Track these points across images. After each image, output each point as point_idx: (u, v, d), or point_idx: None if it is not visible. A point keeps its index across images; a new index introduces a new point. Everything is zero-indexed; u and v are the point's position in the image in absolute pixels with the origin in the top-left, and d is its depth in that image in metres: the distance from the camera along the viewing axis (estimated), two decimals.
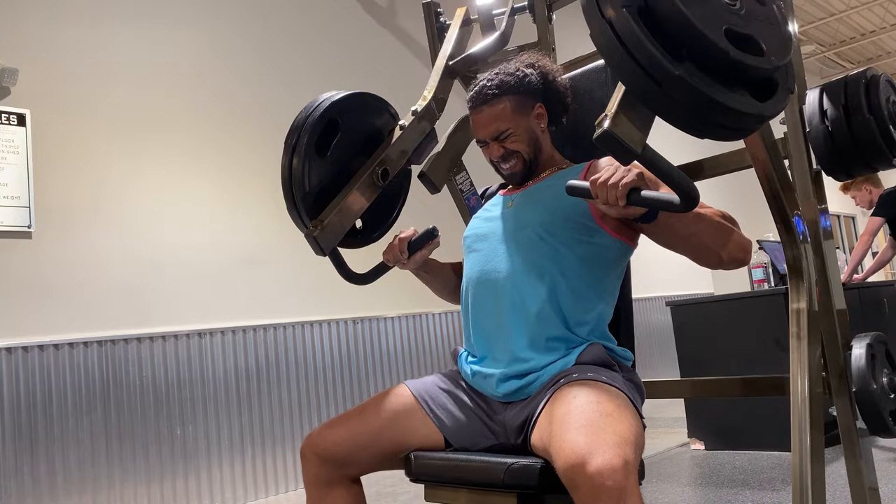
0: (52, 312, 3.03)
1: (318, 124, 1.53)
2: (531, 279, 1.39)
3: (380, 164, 1.63)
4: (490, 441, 1.40)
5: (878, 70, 1.82)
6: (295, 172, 1.52)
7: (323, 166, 1.57)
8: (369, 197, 1.61)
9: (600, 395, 1.18)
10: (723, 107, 0.96)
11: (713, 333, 3.66)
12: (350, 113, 1.61)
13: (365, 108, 1.67)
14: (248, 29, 3.94)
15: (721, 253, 1.31)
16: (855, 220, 10.88)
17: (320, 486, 1.39)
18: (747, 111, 0.99)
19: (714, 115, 0.98)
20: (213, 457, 3.37)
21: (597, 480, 0.99)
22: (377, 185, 1.62)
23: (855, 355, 1.64)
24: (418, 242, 1.55)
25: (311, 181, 1.54)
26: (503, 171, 1.54)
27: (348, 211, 1.58)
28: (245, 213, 3.74)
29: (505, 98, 1.47)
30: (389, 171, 1.64)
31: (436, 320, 4.50)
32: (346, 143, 1.61)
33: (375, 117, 1.69)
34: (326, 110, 1.55)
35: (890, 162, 1.75)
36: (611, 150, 1.02)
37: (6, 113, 3.01)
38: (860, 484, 1.68)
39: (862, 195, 4.50)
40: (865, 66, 6.12)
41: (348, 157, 1.63)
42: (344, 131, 1.59)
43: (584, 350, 1.34)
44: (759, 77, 1.01)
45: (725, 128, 1.02)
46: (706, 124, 1.00)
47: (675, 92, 0.94)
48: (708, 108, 0.96)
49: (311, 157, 1.53)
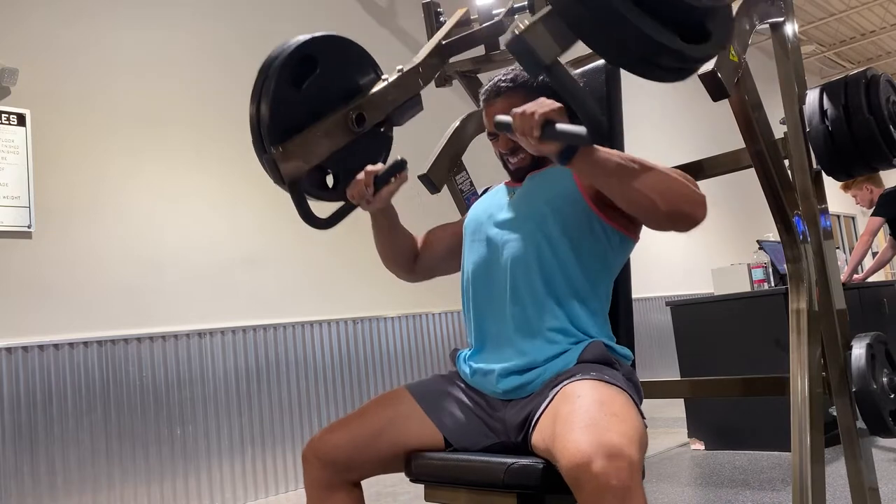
0: (52, 312, 3.03)
1: (294, 53, 1.47)
2: (531, 269, 1.39)
3: (357, 107, 1.55)
4: (490, 440, 1.40)
5: (878, 70, 1.82)
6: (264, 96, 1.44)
7: (294, 99, 1.49)
8: (340, 140, 1.53)
9: (604, 395, 1.18)
10: (639, 32, 0.93)
11: (713, 333, 3.66)
12: (331, 53, 1.54)
13: (348, 56, 1.60)
14: (248, 28, 3.94)
15: (658, 202, 1.22)
16: (855, 220, 10.88)
17: (321, 490, 1.39)
18: (668, 45, 0.96)
19: (631, 41, 0.95)
20: (213, 457, 3.37)
21: (602, 480, 0.99)
22: (351, 130, 1.54)
23: (855, 355, 1.64)
24: (386, 175, 1.46)
25: (280, 110, 1.45)
26: (511, 166, 1.53)
27: (315, 146, 1.48)
28: (245, 213, 3.73)
29: (519, 91, 1.47)
30: (366, 117, 1.57)
31: (436, 320, 4.50)
32: (323, 84, 1.53)
33: (359, 71, 1.62)
34: (305, 43, 1.49)
35: (890, 162, 1.75)
36: (519, 57, 1.01)
37: (6, 113, 3.01)
38: (860, 484, 1.68)
39: (863, 194, 4.49)
40: (865, 66, 6.11)
41: (324, 100, 1.54)
42: (323, 70, 1.52)
43: (586, 348, 1.34)
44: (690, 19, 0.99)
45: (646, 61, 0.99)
46: (625, 52, 0.98)
47: (595, 9, 0.93)
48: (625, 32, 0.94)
49: (283, 86, 1.46)
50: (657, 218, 1.26)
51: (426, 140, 2.10)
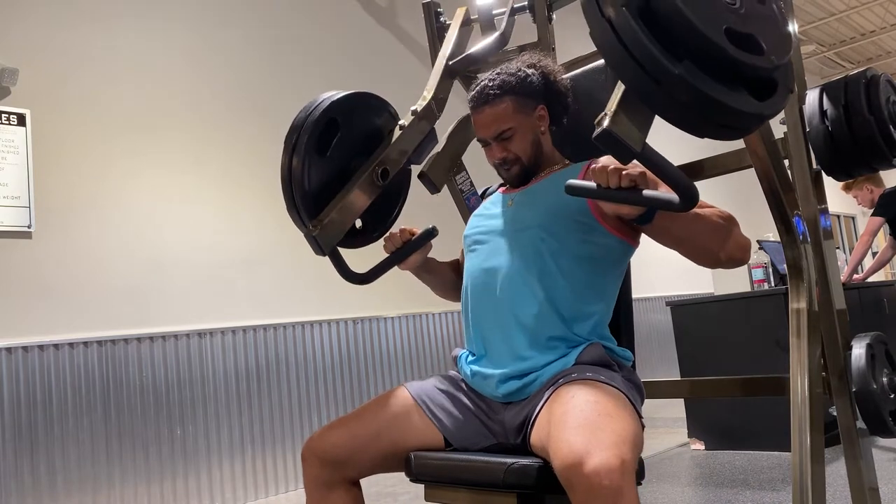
0: (52, 312, 3.03)
1: (317, 124, 1.53)
2: (531, 279, 1.39)
3: (379, 163, 1.63)
4: (489, 441, 1.40)
5: (878, 70, 1.82)
6: (294, 172, 1.52)
7: (323, 166, 1.57)
8: (369, 196, 1.62)
9: (598, 395, 1.18)
10: (722, 106, 0.96)
11: (713, 333, 3.66)
12: (350, 112, 1.61)
13: (365, 108, 1.67)
14: (248, 28, 3.94)
15: (719, 253, 1.32)
16: (855, 220, 10.88)
17: (320, 488, 1.39)
18: (747, 110, 0.99)
19: (713, 114, 0.98)
20: (213, 457, 3.37)
21: (593, 480, 0.99)
22: (377, 185, 1.62)
23: (855, 355, 1.64)
24: (419, 241, 1.57)
25: (311, 181, 1.54)
26: (502, 173, 1.55)
27: (348, 210, 1.58)
28: (245, 213, 3.74)
29: (506, 98, 1.47)
30: (389, 171, 1.65)
31: (436, 320, 4.49)
32: (346, 142, 1.61)
33: (375, 117, 1.70)
34: (326, 110, 1.55)
35: (890, 162, 1.75)
36: (610, 148, 1.02)
37: (6, 113, 3.01)
38: (860, 484, 1.68)
39: (863, 195, 4.49)
40: (865, 66, 6.11)
41: (348, 156, 1.63)
42: (344, 131, 1.60)
43: (584, 350, 1.34)
44: (758, 76, 1.01)
45: (725, 127, 1.02)
46: (705, 123, 1.00)
47: (674, 91, 0.94)
48: (707, 107, 0.96)
49: (311, 156, 1.53)
50: (711, 264, 1.35)
51: None
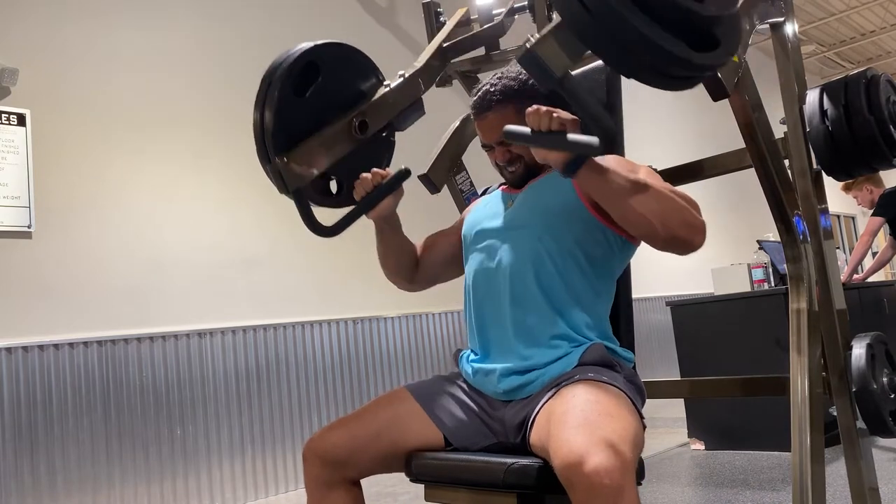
0: (52, 312, 3.03)
1: (297, 61, 1.47)
2: (530, 279, 1.39)
3: (360, 114, 1.56)
4: (489, 440, 1.40)
5: (878, 70, 1.82)
6: (268, 105, 1.46)
7: (298, 108, 1.50)
8: (344, 147, 1.54)
9: (599, 395, 1.18)
10: (650, 43, 0.94)
11: (713, 333, 3.66)
12: (333, 61, 1.55)
13: (351, 63, 1.61)
14: (248, 28, 3.94)
15: (656, 225, 1.24)
16: (855, 220, 10.87)
17: (321, 488, 1.39)
18: (677, 53, 0.96)
19: (642, 52, 0.96)
20: (213, 457, 3.37)
21: (594, 479, 0.99)
22: (354, 137, 1.55)
23: (855, 355, 1.64)
24: (392, 182, 1.48)
25: (283, 118, 1.46)
26: (507, 175, 1.54)
27: (319, 154, 1.49)
28: (245, 213, 3.73)
29: (508, 103, 1.46)
30: (368, 123, 1.57)
31: (436, 320, 4.49)
32: (326, 91, 1.54)
33: (361, 77, 1.63)
34: (308, 51, 1.50)
35: (890, 162, 1.75)
36: (531, 70, 1.01)
37: (6, 113, 3.01)
38: (860, 484, 1.68)
39: (863, 195, 4.49)
40: (865, 66, 6.11)
41: (327, 107, 1.56)
42: (325, 77, 1.53)
43: (587, 350, 1.34)
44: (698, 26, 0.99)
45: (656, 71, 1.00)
46: (634, 61, 0.98)
47: (604, 20, 0.93)
48: (635, 42, 0.94)
49: (287, 95, 1.47)
50: (654, 241, 1.29)
51: (426, 140, 2.10)
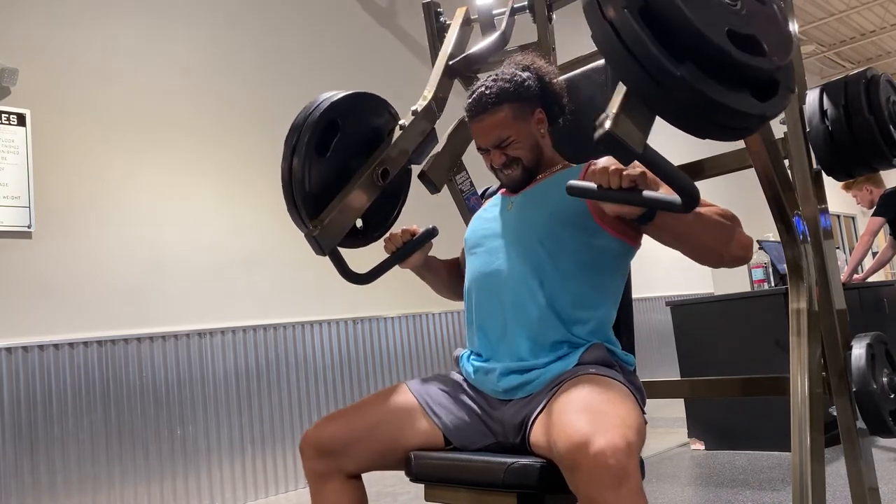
0: (52, 312, 3.03)
1: (317, 124, 1.53)
2: (532, 283, 1.39)
3: (380, 163, 1.63)
4: (489, 439, 1.41)
5: (878, 70, 1.82)
6: (295, 172, 1.52)
7: (323, 167, 1.57)
8: (369, 196, 1.62)
9: (602, 386, 1.20)
10: (724, 107, 0.96)
11: (713, 333, 3.66)
12: (350, 113, 1.61)
13: (365, 108, 1.67)
14: (248, 28, 3.94)
15: (722, 252, 1.32)
16: (855, 220, 10.88)
17: (318, 480, 1.40)
18: (749, 111, 0.99)
19: (715, 115, 0.98)
20: (213, 457, 3.37)
21: (599, 460, 1.00)
22: (377, 185, 1.63)
23: (855, 355, 1.64)
24: (420, 241, 1.58)
25: (311, 181, 1.54)
26: (503, 178, 1.54)
27: (348, 210, 1.58)
28: (245, 213, 3.73)
29: (504, 106, 1.46)
30: (389, 171, 1.65)
31: (436, 320, 4.49)
32: (346, 143, 1.61)
33: (375, 117, 1.70)
34: (326, 111, 1.55)
35: (890, 162, 1.75)
36: (611, 150, 1.02)
37: (6, 113, 3.01)
38: (860, 484, 1.68)
39: (863, 194, 4.49)
40: (865, 66, 6.11)
41: (348, 157, 1.63)
42: (343, 132, 1.59)
43: (587, 350, 1.35)
44: (760, 77, 1.01)
45: (727, 128, 1.02)
46: (708, 125, 1.00)
47: (676, 92, 0.94)
48: (709, 108, 0.96)
49: (311, 157, 1.53)
50: (713, 263, 1.35)
51: None
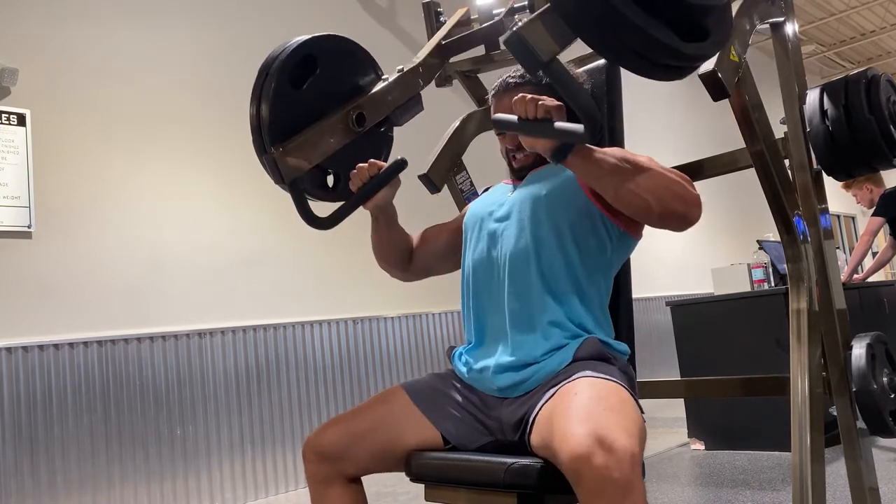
0: (52, 312, 3.02)
1: (294, 53, 1.47)
2: (530, 265, 1.40)
3: (356, 107, 1.56)
4: (486, 438, 1.41)
5: (879, 70, 1.82)
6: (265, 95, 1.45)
7: (295, 99, 1.49)
8: (341, 140, 1.53)
9: (601, 391, 1.18)
10: (636, 28, 0.93)
11: (713, 333, 3.66)
12: (331, 54, 1.55)
13: (349, 56, 1.60)
14: (248, 28, 3.94)
15: (652, 202, 1.25)
16: (855, 220, 10.87)
17: (320, 484, 1.41)
18: (665, 41, 0.96)
19: (628, 37, 0.95)
20: (213, 457, 3.37)
21: (604, 472, 1.00)
22: (351, 129, 1.54)
23: (855, 355, 1.64)
24: (388, 172, 1.48)
25: (280, 109, 1.46)
26: (515, 163, 1.54)
27: (315, 145, 1.48)
28: (245, 214, 3.73)
29: (526, 87, 1.46)
30: (366, 117, 1.57)
31: (436, 320, 4.49)
32: (324, 84, 1.54)
33: (360, 71, 1.62)
34: (303, 44, 1.49)
35: (890, 162, 1.75)
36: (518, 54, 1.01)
37: (6, 113, 3.01)
38: (860, 484, 1.68)
39: (863, 194, 4.49)
40: (865, 66, 6.11)
41: (324, 99, 1.55)
42: (323, 70, 1.52)
43: (581, 345, 1.34)
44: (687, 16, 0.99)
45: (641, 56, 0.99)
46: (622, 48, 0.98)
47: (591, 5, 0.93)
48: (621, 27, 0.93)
49: (284, 86, 1.46)
50: (650, 217, 1.29)
51: (426, 140, 2.10)
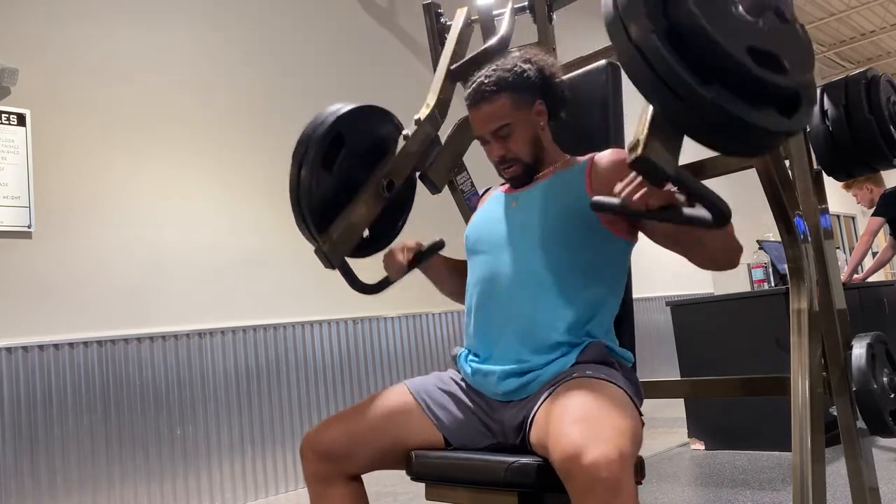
0: (52, 312, 3.02)
1: (324, 139, 1.54)
2: (534, 283, 1.39)
3: (385, 175, 1.66)
4: (488, 440, 1.40)
5: (879, 70, 1.82)
6: (303, 186, 1.53)
7: (330, 180, 1.58)
8: (376, 208, 1.64)
9: (598, 391, 1.19)
10: (752, 126, 0.97)
11: (713, 333, 3.66)
12: (355, 126, 1.62)
13: (369, 121, 1.68)
14: (248, 28, 3.94)
15: (716, 258, 1.32)
16: (855, 220, 10.88)
17: (320, 484, 1.39)
18: (775, 129, 1.00)
19: (745, 134, 0.98)
20: (213, 457, 3.37)
21: (592, 472, 1.00)
22: (383, 196, 1.65)
23: (855, 355, 1.64)
24: (427, 253, 1.60)
25: (319, 195, 1.56)
26: (504, 175, 1.54)
27: (356, 224, 1.61)
28: (245, 214, 3.73)
29: (503, 94, 1.45)
30: (395, 182, 1.67)
31: (436, 320, 4.49)
32: (352, 156, 1.62)
33: (379, 129, 1.71)
34: (332, 125, 1.56)
35: (890, 162, 1.75)
36: (645, 174, 1.03)
37: (6, 113, 3.01)
38: (860, 484, 1.68)
39: (863, 194, 4.49)
40: (865, 66, 6.10)
41: (354, 170, 1.64)
42: (349, 145, 1.61)
43: (585, 349, 1.34)
44: (783, 94, 1.02)
45: (754, 145, 1.04)
46: (736, 143, 1.02)
47: (706, 114, 0.95)
48: (739, 128, 0.97)
49: (318, 171, 1.55)
50: (705, 266, 1.36)
51: None
